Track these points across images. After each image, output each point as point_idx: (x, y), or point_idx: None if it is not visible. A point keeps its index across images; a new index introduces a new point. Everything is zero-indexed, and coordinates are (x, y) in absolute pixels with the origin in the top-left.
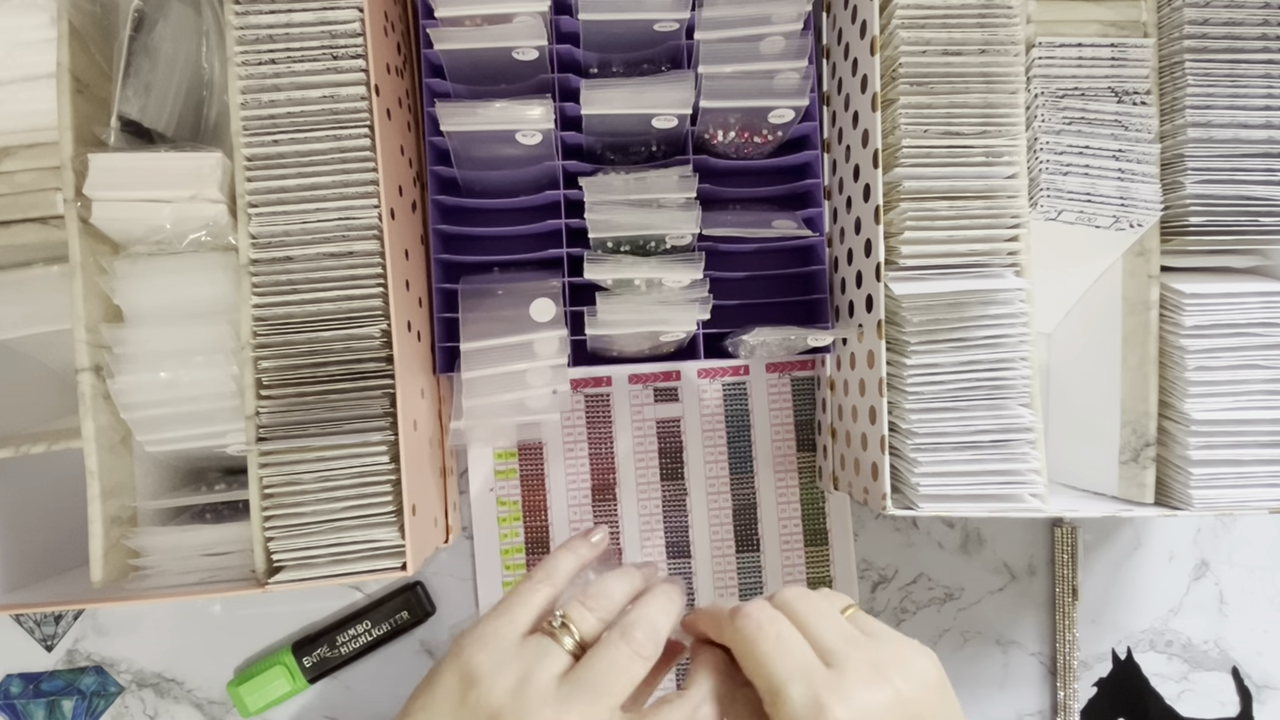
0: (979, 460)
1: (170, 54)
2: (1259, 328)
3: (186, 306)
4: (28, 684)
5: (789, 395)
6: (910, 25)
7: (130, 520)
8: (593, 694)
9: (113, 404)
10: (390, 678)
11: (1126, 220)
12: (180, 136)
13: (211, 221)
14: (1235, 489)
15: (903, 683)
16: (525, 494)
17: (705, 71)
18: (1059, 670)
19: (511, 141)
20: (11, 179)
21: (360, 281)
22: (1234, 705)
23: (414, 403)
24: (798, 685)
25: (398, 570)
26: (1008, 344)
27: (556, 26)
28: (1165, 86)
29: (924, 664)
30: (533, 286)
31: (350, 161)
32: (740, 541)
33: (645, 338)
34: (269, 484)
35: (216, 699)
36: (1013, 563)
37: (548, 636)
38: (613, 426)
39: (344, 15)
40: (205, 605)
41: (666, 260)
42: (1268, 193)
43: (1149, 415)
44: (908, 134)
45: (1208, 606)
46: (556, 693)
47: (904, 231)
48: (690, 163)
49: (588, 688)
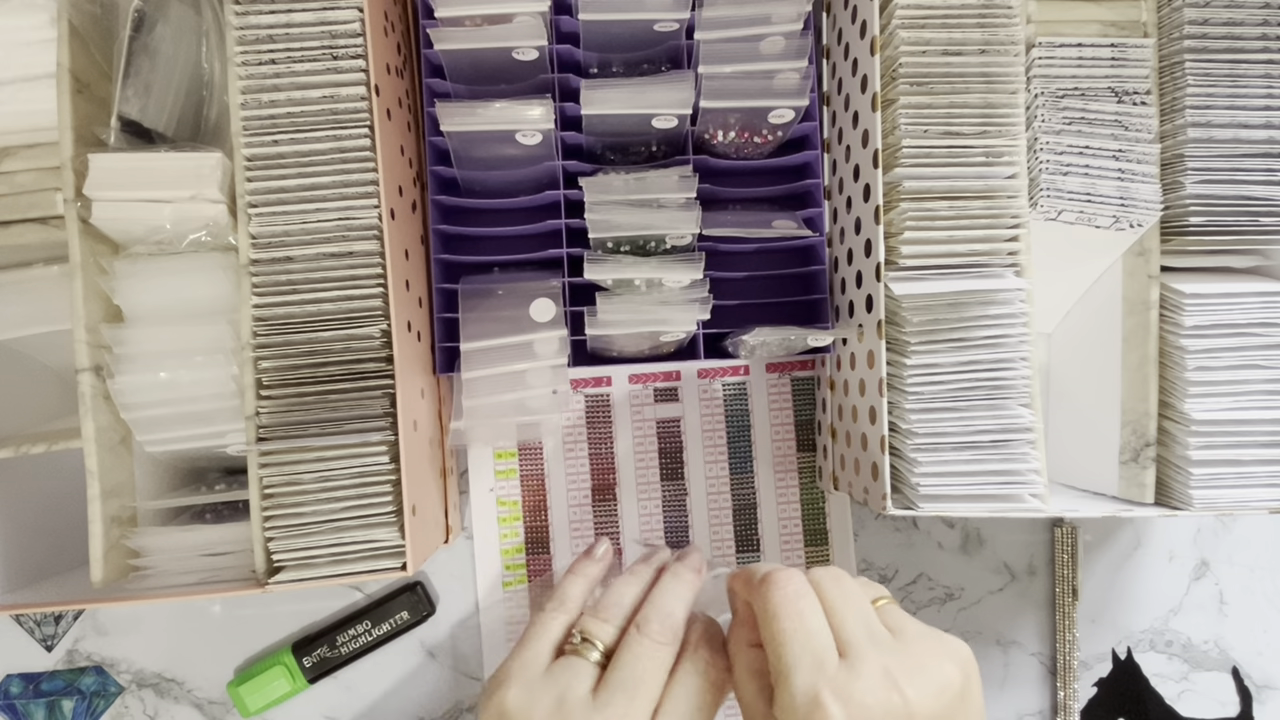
0: (979, 460)
1: (170, 54)
2: (1259, 328)
3: (186, 306)
4: (28, 684)
5: (789, 395)
6: (910, 25)
7: (130, 520)
8: (627, 693)
9: (113, 404)
10: (390, 678)
11: (1126, 220)
12: (180, 137)
13: (211, 221)
14: (1235, 489)
15: (915, 692)
16: (525, 494)
17: (705, 71)
18: (1059, 670)
19: (511, 141)
20: (11, 179)
21: (360, 281)
22: (1234, 705)
23: (414, 403)
24: (804, 674)
25: (398, 570)
26: (1008, 344)
27: (556, 26)
28: (1165, 86)
29: (947, 669)
30: (533, 286)
31: (350, 161)
32: (740, 541)
33: (645, 338)
34: (269, 484)
35: (216, 699)
36: (1013, 563)
37: (573, 656)
38: (613, 426)
39: (344, 15)
40: (205, 605)
41: (666, 260)
42: (1268, 193)
43: (1149, 415)
44: (908, 134)
45: (1208, 606)
46: (594, 703)
47: (904, 231)
48: (690, 163)
49: (620, 688)
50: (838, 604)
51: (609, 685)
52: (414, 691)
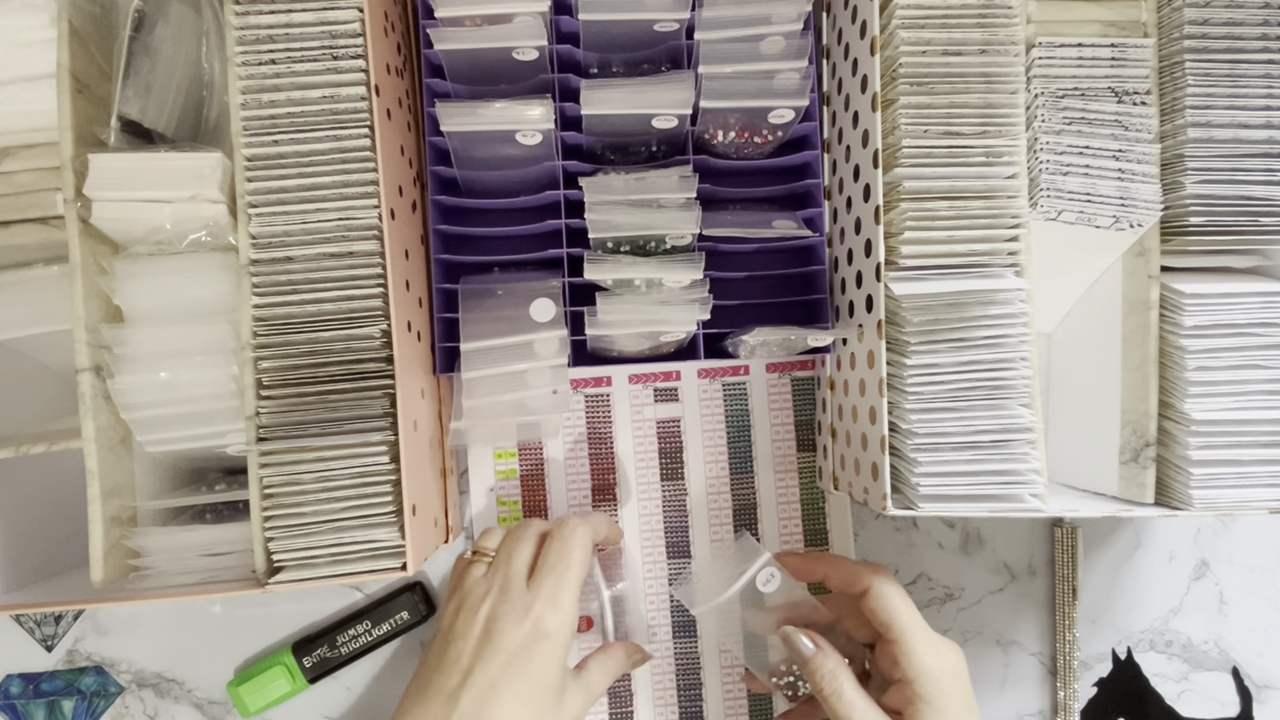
0: (979, 460)
1: (170, 54)
2: (1259, 328)
3: (186, 306)
4: (28, 684)
5: (789, 395)
6: (910, 25)
7: (130, 520)
8: (553, 573)
9: (113, 404)
10: (390, 678)
11: (1126, 220)
12: (180, 136)
13: (211, 221)
14: (1235, 489)
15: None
16: (525, 494)
17: (705, 71)
18: (1059, 670)
19: (511, 141)
20: (11, 179)
21: (360, 281)
22: (1234, 705)
23: (414, 403)
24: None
25: (398, 570)
26: (1008, 344)
27: (556, 26)
28: (1165, 86)
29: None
30: (533, 286)
31: (350, 161)
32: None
33: (645, 338)
34: (269, 484)
35: (216, 699)
36: (1013, 563)
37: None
38: (613, 426)
39: (344, 15)
40: (205, 605)
41: (666, 260)
42: (1268, 193)
43: (1149, 415)
44: (908, 134)
45: (1208, 606)
46: (529, 582)
47: (904, 231)
48: (690, 163)
49: (548, 569)
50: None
51: (537, 571)
52: None
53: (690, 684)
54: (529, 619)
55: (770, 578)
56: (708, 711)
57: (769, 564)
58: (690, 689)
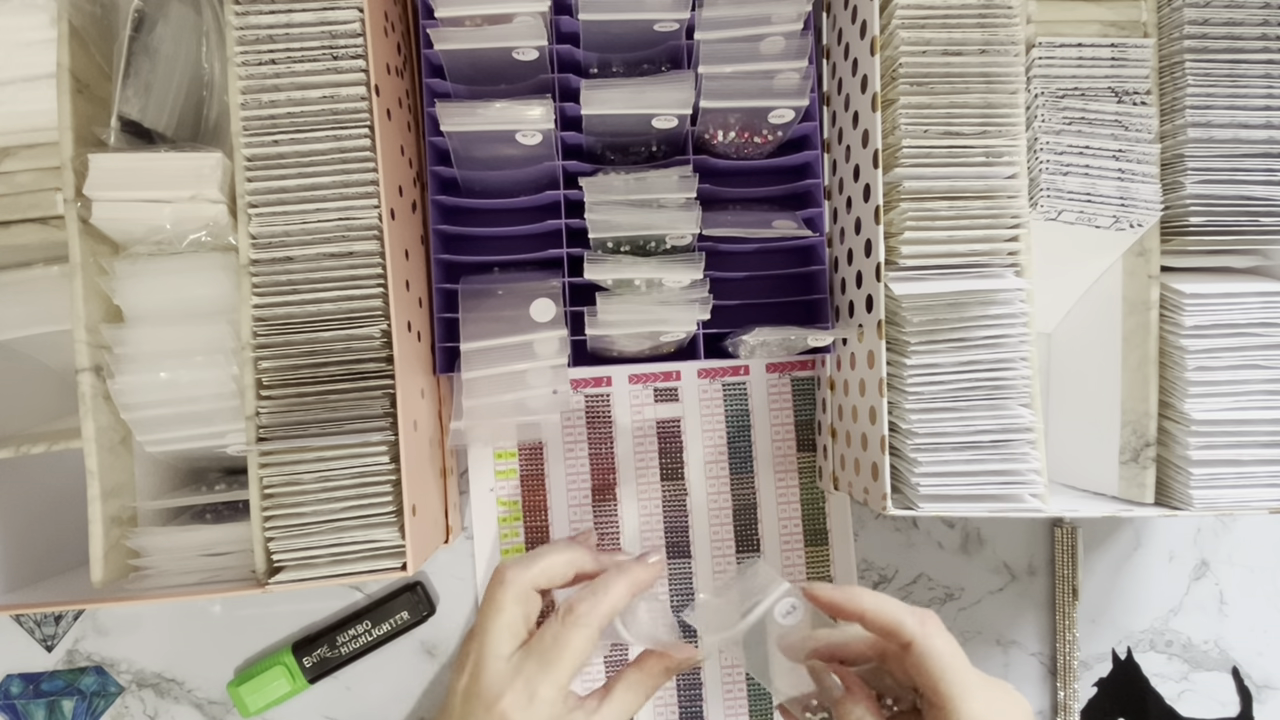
0: (979, 460)
1: (170, 54)
2: (1259, 328)
3: (186, 306)
4: (28, 684)
5: (789, 395)
6: (910, 25)
7: (130, 520)
8: (537, 661)
9: (113, 404)
10: (390, 678)
11: (1126, 220)
12: (180, 136)
13: (211, 222)
14: (1235, 489)
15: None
16: (525, 494)
17: (705, 71)
18: (1059, 670)
19: (511, 141)
20: (11, 179)
21: (360, 282)
22: (1234, 705)
23: (414, 403)
24: (978, 693)
25: (398, 570)
26: (1008, 344)
27: (556, 26)
28: (1165, 86)
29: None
30: (533, 286)
31: (350, 161)
32: (740, 541)
33: (645, 338)
34: (269, 484)
35: (216, 699)
36: (1013, 563)
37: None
38: (613, 426)
39: (344, 15)
40: (205, 605)
41: (666, 260)
42: (1268, 193)
43: (1149, 415)
44: (908, 134)
45: (1208, 606)
46: (508, 662)
47: (904, 231)
48: (690, 163)
49: (532, 655)
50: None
51: (525, 650)
52: (414, 691)
53: (690, 684)
54: (495, 711)
55: (791, 609)
56: (708, 711)
57: (788, 594)
58: (690, 689)
